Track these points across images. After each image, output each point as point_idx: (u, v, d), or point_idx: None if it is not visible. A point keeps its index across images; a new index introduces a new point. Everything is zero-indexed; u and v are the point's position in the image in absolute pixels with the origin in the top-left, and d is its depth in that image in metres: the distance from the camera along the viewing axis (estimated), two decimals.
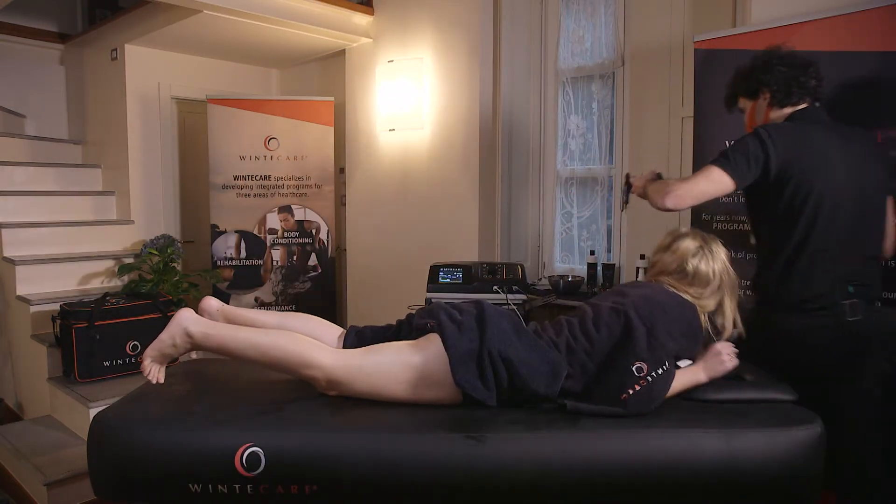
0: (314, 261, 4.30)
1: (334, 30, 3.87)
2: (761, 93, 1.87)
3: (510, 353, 1.53)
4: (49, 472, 2.63)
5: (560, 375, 1.55)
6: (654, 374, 1.50)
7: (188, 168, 4.68)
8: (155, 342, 1.68)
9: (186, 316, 1.66)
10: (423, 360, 1.54)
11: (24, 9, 4.58)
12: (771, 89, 1.84)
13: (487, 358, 1.52)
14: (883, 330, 1.75)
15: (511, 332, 1.59)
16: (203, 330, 1.64)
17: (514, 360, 1.52)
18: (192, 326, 1.64)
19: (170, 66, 4.42)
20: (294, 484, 1.37)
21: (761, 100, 1.88)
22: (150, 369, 1.69)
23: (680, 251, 1.73)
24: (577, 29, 3.51)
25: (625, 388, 1.49)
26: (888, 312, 1.94)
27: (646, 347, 1.53)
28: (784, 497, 1.42)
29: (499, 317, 1.62)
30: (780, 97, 1.83)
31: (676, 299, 1.65)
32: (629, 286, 1.79)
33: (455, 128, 3.60)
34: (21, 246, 3.75)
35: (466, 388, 1.51)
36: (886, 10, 2.06)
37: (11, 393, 3.71)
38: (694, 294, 1.68)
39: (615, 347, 1.57)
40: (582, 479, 1.38)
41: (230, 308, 1.81)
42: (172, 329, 1.65)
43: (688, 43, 2.90)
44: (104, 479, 1.44)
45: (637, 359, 1.52)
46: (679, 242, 1.75)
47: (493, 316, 1.61)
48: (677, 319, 1.61)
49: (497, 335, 1.55)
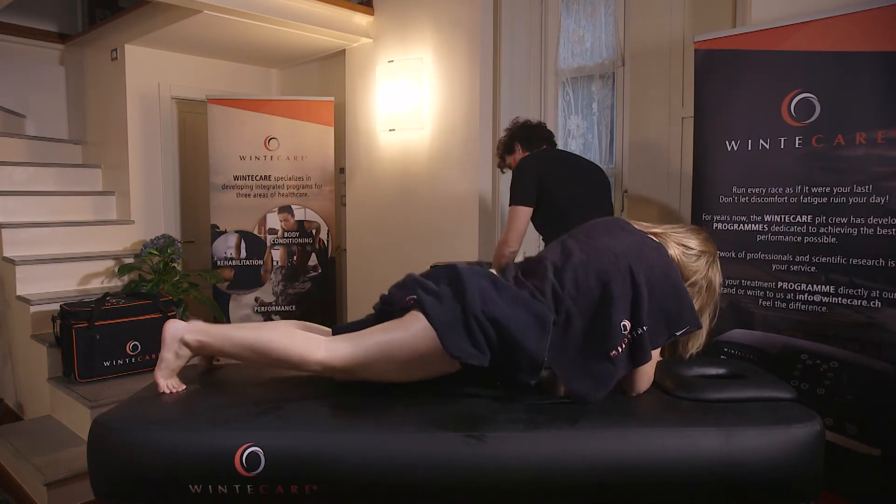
0: (314, 261, 4.30)
1: (334, 30, 3.87)
2: (515, 147, 2.86)
3: (495, 312, 1.50)
4: (49, 472, 2.63)
5: (547, 327, 1.51)
6: (637, 331, 1.51)
7: (188, 168, 4.68)
8: (160, 364, 1.64)
9: (177, 327, 1.63)
10: (412, 337, 1.52)
11: (24, 9, 4.59)
12: (521, 142, 2.84)
13: (474, 322, 1.49)
14: None
15: (491, 290, 1.55)
16: (197, 338, 1.63)
17: (499, 318, 1.49)
18: (186, 336, 1.63)
19: (170, 66, 4.42)
20: (294, 484, 1.37)
21: (517, 151, 2.85)
22: (166, 387, 1.65)
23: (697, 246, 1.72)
24: (577, 29, 3.51)
25: (614, 344, 1.49)
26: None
27: (637, 305, 1.52)
28: (784, 496, 1.42)
29: (476, 277, 1.58)
30: (527, 145, 2.82)
31: (676, 275, 1.63)
32: (623, 232, 1.71)
33: (455, 128, 3.60)
34: (21, 246, 3.75)
35: (462, 358, 1.49)
36: (886, 10, 2.06)
37: (11, 393, 3.72)
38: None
39: (601, 300, 1.55)
40: (582, 479, 1.38)
41: (205, 327, 1.69)
42: (169, 344, 1.63)
43: (688, 43, 2.90)
44: (104, 480, 1.43)
45: (625, 315, 1.51)
46: (705, 245, 1.74)
47: (470, 277, 1.56)
48: (670, 293, 1.59)
49: (478, 296, 1.52)
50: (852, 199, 2.13)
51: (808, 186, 2.23)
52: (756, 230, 2.36)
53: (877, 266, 2.08)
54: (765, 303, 2.34)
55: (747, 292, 2.38)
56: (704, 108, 2.49)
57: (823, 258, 2.20)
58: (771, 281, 2.32)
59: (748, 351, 2.36)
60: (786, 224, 2.28)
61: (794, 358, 2.26)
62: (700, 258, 1.71)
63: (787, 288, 2.29)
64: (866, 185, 2.10)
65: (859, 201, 2.11)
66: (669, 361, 1.77)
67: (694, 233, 1.75)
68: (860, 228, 2.11)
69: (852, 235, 2.13)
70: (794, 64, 2.25)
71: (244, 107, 4.18)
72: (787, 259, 2.29)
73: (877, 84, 2.08)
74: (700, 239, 1.73)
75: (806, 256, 2.24)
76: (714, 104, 2.46)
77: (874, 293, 2.08)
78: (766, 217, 2.32)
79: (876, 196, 2.08)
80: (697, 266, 1.70)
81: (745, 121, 2.37)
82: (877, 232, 2.08)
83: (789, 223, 2.27)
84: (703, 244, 1.72)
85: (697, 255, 1.70)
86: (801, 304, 2.26)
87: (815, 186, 2.21)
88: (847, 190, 2.14)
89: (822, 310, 2.21)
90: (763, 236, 2.34)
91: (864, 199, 2.10)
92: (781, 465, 1.39)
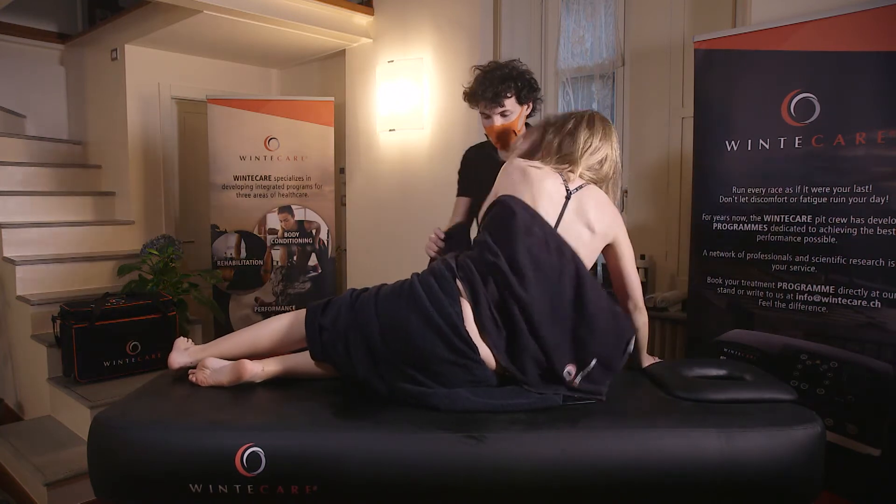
0: (314, 261, 4.30)
1: (334, 30, 3.87)
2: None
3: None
4: (49, 472, 2.64)
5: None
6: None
7: (188, 168, 4.68)
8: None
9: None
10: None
11: (24, 9, 4.59)
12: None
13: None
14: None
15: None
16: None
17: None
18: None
19: (170, 66, 4.42)
20: (294, 484, 1.37)
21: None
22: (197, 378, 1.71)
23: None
24: (577, 29, 3.51)
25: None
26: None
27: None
28: (784, 497, 1.42)
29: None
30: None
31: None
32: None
33: (455, 128, 3.60)
34: (21, 246, 3.75)
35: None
36: (886, 10, 2.06)
37: (11, 393, 3.72)
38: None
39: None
40: (582, 479, 1.38)
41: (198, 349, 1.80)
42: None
43: (688, 43, 2.90)
44: (104, 480, 1.44)
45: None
46: (594, 137, 1.72)
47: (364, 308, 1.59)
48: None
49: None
50: (852, 199, 2.13)
51: (808, 186, 2.23)
52: (756, 230, 2.35)
53: (877, 266, 2.08)
54: (765, 303, 2.34)
55: (747, 292, 2.38)
56: (704, 108, 2.49)
57: (823, 258, 2.20)
58: (771, 281, 2.32)
59: (748, 351, 2.36)
60: (786, 224, 2.28)
61: (794, 358, 2.26)
62: (604, 157, 1.71)
63: (786, 288, 2.29)
64: (866, 185, 2.10)
65: (859, 201, 2.11)
66: (670, 361, 1.77)
67: (582, 135, 1.72)
68: (860, 228, 2.11)
69: (852, 235, 2.13)
70: (794, 64, 2.25)
71: (244, 107, 4.18)
72: (786, 259, 2.29)
73: (877, 84, 2.08)
74: (590, 137, 1.71)
75: (806, 256, 2.24)
76: (714, 104, 2.46)
77: (874, 293, 2.08)
78: (766, 217, 2.32)
79: (876, 196, 2.08)
80: (608, 160, 1.72)
81: (745, 121, 2.37)
82: (877, 232, 2.08)
83: (789, 223, 2.27)
84: (594, 139, 1.71)
85: (601, 158, 1.71)
86: (800, 304, 2.26)
87: (814, 186, 2.21)
88: (847, 190, 2.14)
89: (822, 310, 2.21)
90: (763, 236, 2.34)
91: (864, 199, 2.10)
92: (782, 466, 1.39)
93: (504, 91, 2.08)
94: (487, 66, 2.13)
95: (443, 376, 1.50)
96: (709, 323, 2.48)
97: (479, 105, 2.13)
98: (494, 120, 2.13)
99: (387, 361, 1.52)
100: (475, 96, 2.11)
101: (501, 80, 2.08)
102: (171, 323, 3.35)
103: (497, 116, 2.12)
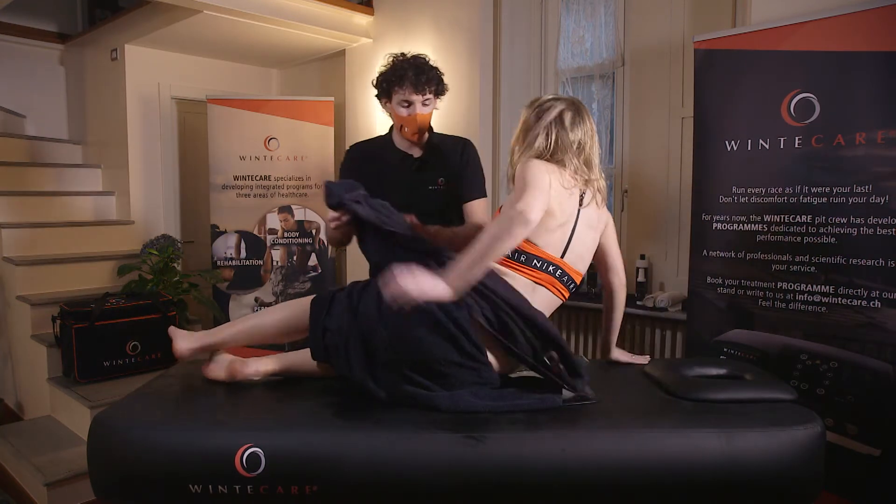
0: (314, 261, 4.30)
1: (334, 30, 3.87)
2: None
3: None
4: (49, 472, 2.63)
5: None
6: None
7: (188, 168, 4.68)
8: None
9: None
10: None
11: (24, 9, 4.58)
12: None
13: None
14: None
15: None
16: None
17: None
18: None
19: (170, 66, 4.42)
20: (294, 484, 1.37)
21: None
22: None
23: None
24: (577, 29, 3.51)
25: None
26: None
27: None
28: (784, 497, 1.42)
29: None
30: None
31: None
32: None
33: (455, 128, 3.60)
34: (21, 246, 3.75)
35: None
36: (886, 10, 2.06)
37: (11, 393, 3.71)
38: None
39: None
40: (582, 479, 1.38)
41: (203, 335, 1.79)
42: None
43: (688, 43, 2.90)
44: (104, 480, 1.44)
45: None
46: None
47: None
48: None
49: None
50: (852, 199, 2.13)
51: (808, 186, 2.23)
52: (756, 230, 2.36)
53: (877, 266, 2.08)
54: (765, 303, 2.34)
55: (747, 292, 2.38)
56: (704, 108, 2.49)
57: (823, 258, 2.20)
58: (771, 281, 2.32)
59: (748, 351, 2.36)
60: (786, 224, 2.28)
61: (794, 358, 2.26)
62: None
63: (786, 288, 2.29)
64: (866, 185, 2.10)
65: (859, 201, 2.11)
66: (670, 362, 1.77)
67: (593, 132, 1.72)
68: (860, 228, 2.11)
69: (852, 235, 2.13)
70: (794, 64, 2.25)
71: (244, 107, 4.17)
72: (786, 259, 2.29)
73: (877, 84, 2.08)
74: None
75: (806, 256, 2.24)
76: (714, 104, 2.46)
77: (874, 293, 2.08)
78: (766, 217, 2.32)
79: (876, 196, 2.08)
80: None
81: (744, 121, 2.38)
82: (877, 232, 2.08)
83: (789, 223, 2.27)
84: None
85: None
86: (800, 304, 2.26)
87: (814, 186, 2.21)
88: (847, 190, 2.14)
89: (822, 310, 2.21)
90: (763, 236, 2.34)
91: (864, 199, 2.10)
92: (782, 467, 1.39)
93: (431, 79, 1.98)
94: (405, 55, 2.00)
95: (450, 378, 1.51)
96: (709, 323, 2.48)
97: (403, 91, 1.96)
98: (417, 108, 1.99)
99: (389, 367, 1.53)
100: (400, 80, 1.95)
101: (425, 68, 1.98)
102: (171, 323, 3.34)
103: (419, 105, 1.98)
